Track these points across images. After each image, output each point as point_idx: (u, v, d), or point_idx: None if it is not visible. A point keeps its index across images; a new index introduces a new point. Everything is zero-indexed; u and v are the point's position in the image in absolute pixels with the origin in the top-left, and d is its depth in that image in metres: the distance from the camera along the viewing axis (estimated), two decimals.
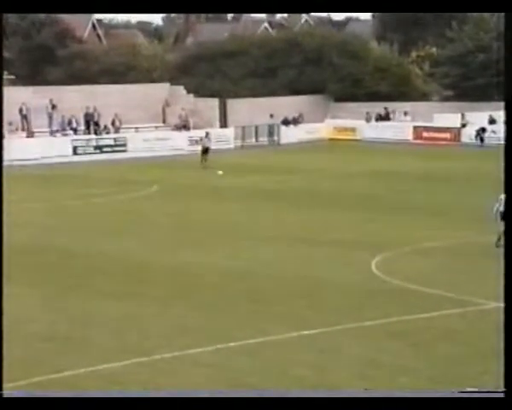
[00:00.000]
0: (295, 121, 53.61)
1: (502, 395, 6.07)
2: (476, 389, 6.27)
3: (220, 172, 37.18)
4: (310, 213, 27.14)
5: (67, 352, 13.58)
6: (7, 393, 6.47)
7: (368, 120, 53.90)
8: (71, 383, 12.12)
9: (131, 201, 30.91)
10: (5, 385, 6.76)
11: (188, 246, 22.23)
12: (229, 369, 12.76)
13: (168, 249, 21.77)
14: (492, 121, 50.36)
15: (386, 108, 54.01)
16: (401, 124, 52.77)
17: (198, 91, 54.13)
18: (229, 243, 22.52)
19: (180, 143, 48.76)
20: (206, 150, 40.52)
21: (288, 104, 54.19)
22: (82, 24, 68.52)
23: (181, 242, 22.79)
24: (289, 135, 52.28)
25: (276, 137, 51.98)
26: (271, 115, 51.90)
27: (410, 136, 51.65)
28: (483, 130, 49.24)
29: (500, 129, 49.62)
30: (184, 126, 50.70)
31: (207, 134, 42.67)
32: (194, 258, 20.68)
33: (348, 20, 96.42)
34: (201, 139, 41.99)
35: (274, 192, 32.28)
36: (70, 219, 26.73)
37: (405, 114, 53.37)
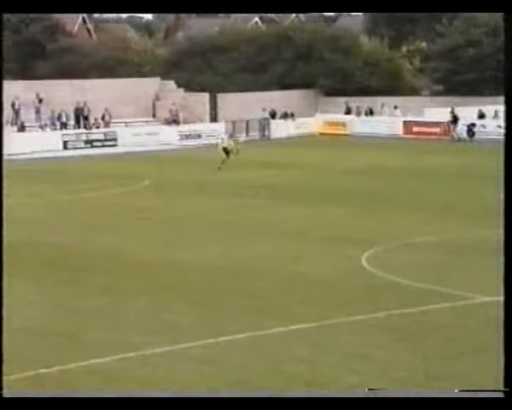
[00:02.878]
0: (285, 116, 53.62)
1: (502, 395, 6.07)
2: (476, 389, 6.29)
3: (219, 166, 36.80)
4: (301, 209, 27.14)
5: (57, 347, 13.56)
6: (7, 393, 6.47)
7: (358, 114, 53.98)
8: (60, 378, 12.10)
9: (123, 195, 30.86)
10: None
11: (180, 241, 22.21)
12: (219, 364, 12.75)
13: (160, 245, 21.75)
14: (482, 116, 50.50)
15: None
16: (391, 119, 52.82)
17: (188, 86, 54.10)
18: (220, 237, 22.50)
19: (170, 137, 48.73)
20: (226, 150, 39.52)
21: (278, 99, 54.20)
22: (72, 18, 68.26)
23: (173, 237, 22.77)
24: (280, 130, 52.30)
25: (266, 132, 51.99)
26: (265, 110, 51.95)
27: (400, 131, 51.70)
28: (473, 124, 49.38)
29: (489, 123, 49.86)
30: (174, 121, 50.67)
31: (223, 140, 41.87)
32: (186, 253, 20.65)
33: (339, 15, 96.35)
34: (222, 141, 41.24)
35: (265, 187, 32.25)
36: (61, 214, 26.67)
37: (395, 107, 53.41)
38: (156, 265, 19.44)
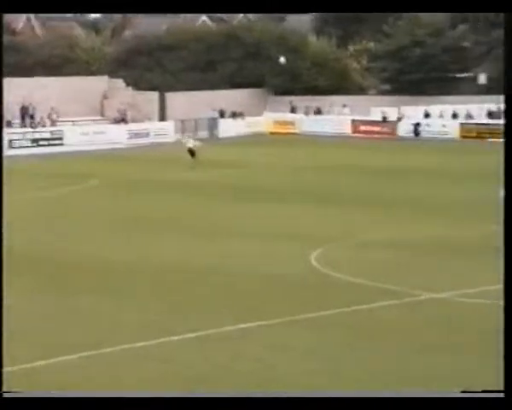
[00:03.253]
0: (234, 115, 53.65)
1: (502, 396, 6.14)
2: (476, 390, 6.35)
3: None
4: (251, 208, 27.19)
5: (15, 347, 13.33)
6: (7, 393, 6.38)
7: (306, 113, 54.28)
8: (11, 378, 11.93)
9: (71, 195, 30.55)
10: None
11: (134, 241, 22.04)
12: (174, 362, 12.74)
13: (114, 244, 21.57)
14: (427, 115, 51.22)
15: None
16: (339, 118, 53.23)
17: (137, 85, 53.81)
18: (167, 237, 22.42)
19: (119, 136, 48.38)
20: (191, 151, 38.83)
21: (227, 98, 54.20)
22: (16, 15, 67.18)
23: (128, 236, 22.60)
24: (229, 129, 52.30)
25: (215, 131, 51.94)
26: (214, 109, 51.94)
27: (348, 129, 52.12)
28: (418, 124, 50.04)
29: (434, 123, 50.59)
30: (123, 120, 50.34)
31: (187, 139, 41.35)
32: (141, 253, 20.53)
33: (286, 14, 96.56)
34: (185, 142, 40.70)
35: (216, 186, 32.23)
36: (9, 214, 26.20)
37: (344, 106, 53.84)
38: (111, 264, 19.24)
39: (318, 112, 54.62)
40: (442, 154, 41.83)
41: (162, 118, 53.10)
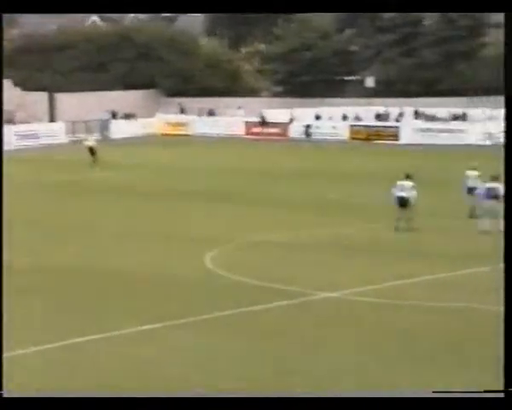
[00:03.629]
0: (126, 116, 53.15)
1: (502, 396, 6.25)
2: (476, 390, 6.45)
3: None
4: (143, 209, 26.93)
5: None
6: (7, 393, 6.13)
7: (199, 115, 54.30)
8: None
9: None
10: None
11: (29, 244, 21.41)
12: (65, 365, 12.46)
13: (12, 248, 20.81)
14: (318, 117, 52.09)
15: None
16: (232, 119, 53.48)
17: (25, 85, 52.49)
18: (60, 239, 22.00)
19: (6, 138, 46.98)
20: (91, 150, 38.32)
21: (119, 99, 53.62)
22: None
23: (22, 240, 21.85)
24: (121, 130, 51.77)
25: (107, 133, 51.29)
26: (106, 110, 51.29)
27: (241, 131, 52.41)
28: (308, 126, 50.82)
29: (324, 125, 51.51)
30: (10, 121, 49.03)
31: (87, 137, 40.84)
32: (35, 256, 19.94)
33: (178, 14, 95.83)
34: (82, 141, 39.92)
35: (109, 188, 31.79)
36: None
37: (239, 108, 54.12)
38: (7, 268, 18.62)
39: (211, 113, 54.70)
40: (333, 155, 42.56)
41: (52, 119, 52.04)
